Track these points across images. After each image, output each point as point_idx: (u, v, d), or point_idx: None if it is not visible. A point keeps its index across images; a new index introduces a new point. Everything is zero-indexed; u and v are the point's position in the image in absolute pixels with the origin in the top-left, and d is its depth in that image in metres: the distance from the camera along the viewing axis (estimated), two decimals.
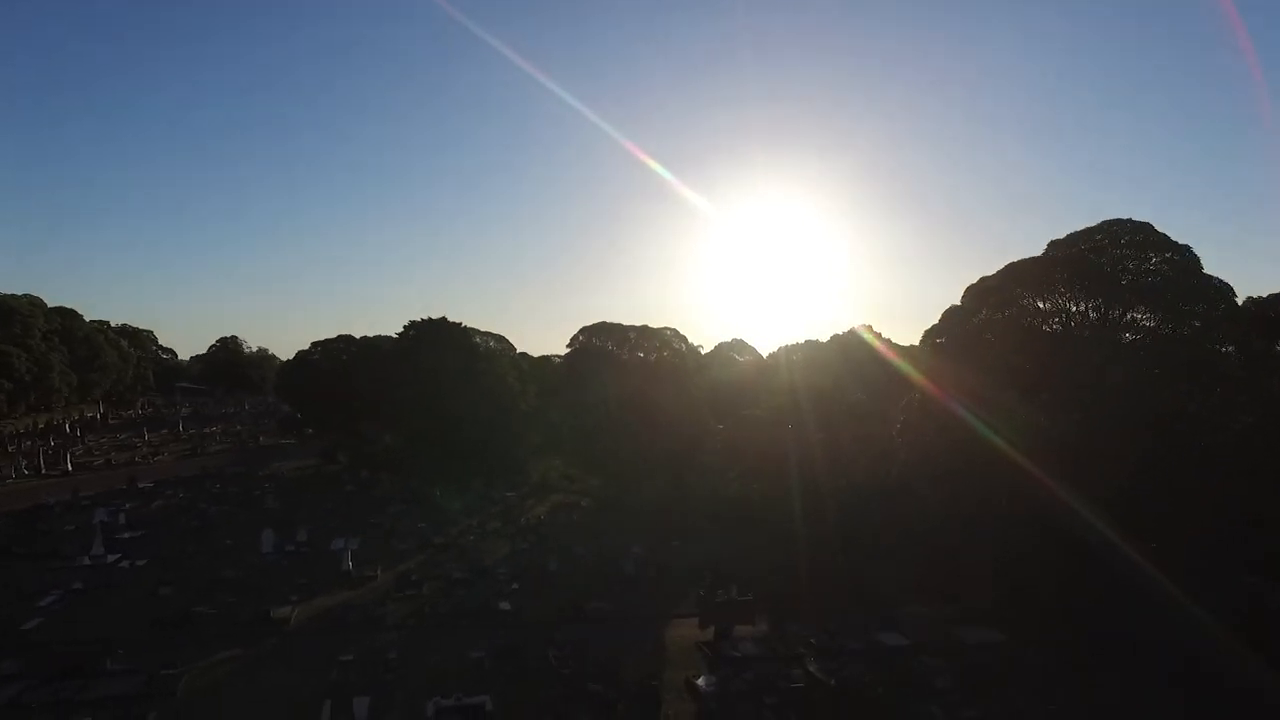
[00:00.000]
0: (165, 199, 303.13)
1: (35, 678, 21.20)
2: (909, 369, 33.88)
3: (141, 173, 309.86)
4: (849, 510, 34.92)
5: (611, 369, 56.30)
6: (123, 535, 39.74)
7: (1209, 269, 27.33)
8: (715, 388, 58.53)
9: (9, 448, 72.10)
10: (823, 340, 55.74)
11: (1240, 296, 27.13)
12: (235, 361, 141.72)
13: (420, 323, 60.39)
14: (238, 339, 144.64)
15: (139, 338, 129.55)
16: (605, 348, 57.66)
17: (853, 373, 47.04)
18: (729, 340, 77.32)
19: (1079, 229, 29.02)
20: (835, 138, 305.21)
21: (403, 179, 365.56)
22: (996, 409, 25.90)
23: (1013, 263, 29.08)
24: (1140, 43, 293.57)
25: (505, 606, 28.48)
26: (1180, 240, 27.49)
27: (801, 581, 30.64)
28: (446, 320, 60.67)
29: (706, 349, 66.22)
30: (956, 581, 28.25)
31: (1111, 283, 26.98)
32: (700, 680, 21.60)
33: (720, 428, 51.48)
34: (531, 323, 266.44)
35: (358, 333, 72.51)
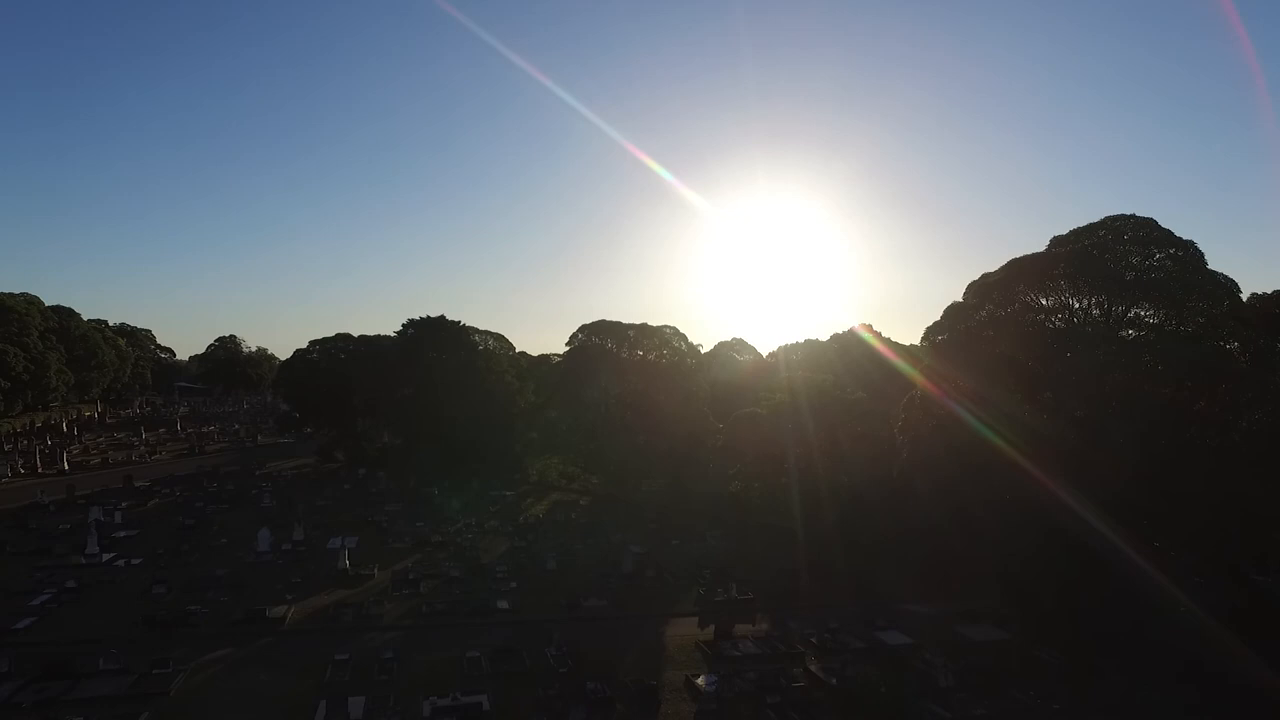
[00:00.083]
0: (165, 198, 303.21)
1: (26, 677, 20.91)
2: (908, 369, 33.67)
3: (141, 171, 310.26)
4: (849, 509, 34.72)
5: (611, 367, 56.21)
6: (118, 534, 39.54)
7: (1213, 265, 27.10)
8: (715, 386, 58.41)
9: (5, 446, 71.83)
10: (823, 339, 55.70)
11: (1245, 293, 26.91)
12: (234, 361, 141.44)
13: (419, 321, 60.28)
14: (236, 338, 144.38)
15: (137, 337, 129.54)
16: (604, 346, 57.55)
17: (852, 371, 46.98)
18: (729, 339, 77.38)
19: (1082, 225, 28.79)
20: (835, 135, 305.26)
21: (402, 177, 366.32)
22: (998, 407, 25.65)
23: (1015, 259, 28.80)
24: (1143, 37, 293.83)
25: (503, 605, 28.27)
26: (1184, 236, 27.28)
27: (802, 580, 30.51)
28: (445, 319, 60.58)
29: (706, 348, 66.22)
30: (958, 580, 28.02)
31: (1115, 279, 26.70)
32: (700, 679, 21.38)
33: (720, 427, 51.23)
34: (530, 321, 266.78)
35: (356, 332, 72.52)
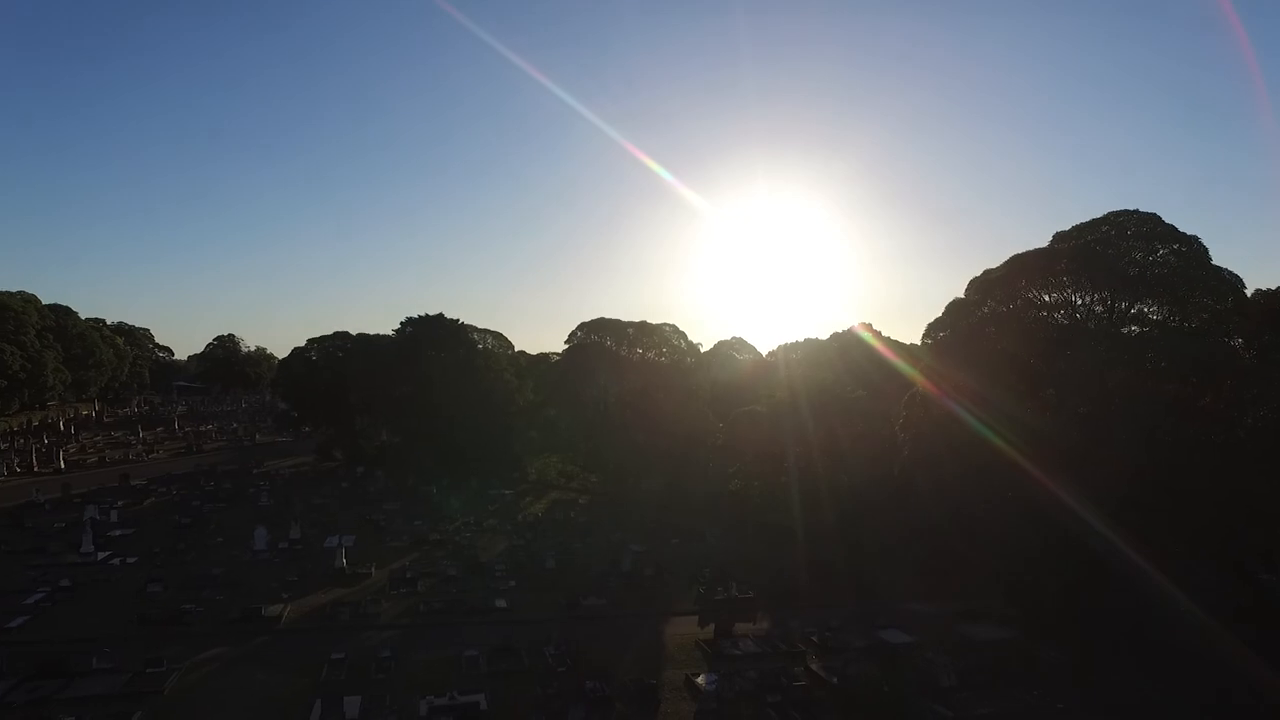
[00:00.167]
0: (163, 196, 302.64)
1: (19, 676, 20.68)
2: (908, 368, 33.44)
3: (139, 169, 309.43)
4: (850, 507, 34.53)
5: (610, 366, 56.07)
6: (113, 533, 39.28)
7: (1217, 261, 26.90)
8: (715, 385, 58.22)
9: (1, 445, 71.53)
10: (822, 338, 55.40)
11: (1249, 289, 26.74)
12: (232, 360, 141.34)
13: (417, 319, 60.08)
14: (235, 337, 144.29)
15: (135, 336, 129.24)
16: (604, 344, 57.41)
17: (852, 370, 46.72)
18: (729, 338, 77.01)
19: (1085, 221, 28.59)
20: (835, 134, 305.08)
21: (401, 176, 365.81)
22: (999, 405, 25.43)
23: (1017, 254, 28.56)
24: (1145, 33, 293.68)
25: (501, 604, 28.05)
26: (1188, 232, 27.09)
27: (802, 578, 30.29)
28: (444, 317, 60.39)
29: (706, 347, 66.05)
30: (959, 579, 27.82)
31: (1118, 274, 26.46)
32: (700, 678, 21.19)
33: (720, 425, 51.07)
34: (529, 320, 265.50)
35: (355, 330, 72.29)
